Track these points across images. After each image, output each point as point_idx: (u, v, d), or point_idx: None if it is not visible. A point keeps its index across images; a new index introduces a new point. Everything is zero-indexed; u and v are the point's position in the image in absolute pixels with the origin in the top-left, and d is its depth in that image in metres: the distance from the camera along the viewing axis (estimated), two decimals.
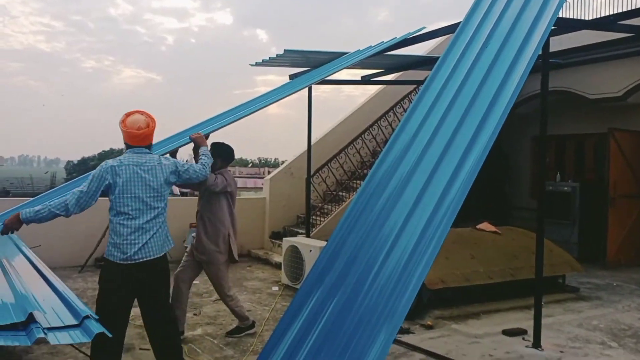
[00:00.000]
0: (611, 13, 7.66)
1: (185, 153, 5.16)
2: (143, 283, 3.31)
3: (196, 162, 4.08)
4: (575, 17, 8.44)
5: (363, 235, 3.59)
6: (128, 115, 3.48)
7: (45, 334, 2.38)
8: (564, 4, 4.71)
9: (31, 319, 2.48)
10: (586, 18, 8.31)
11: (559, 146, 10.39)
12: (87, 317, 2.61)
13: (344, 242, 3.66)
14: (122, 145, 3.62)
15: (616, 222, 8.40)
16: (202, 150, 4.07)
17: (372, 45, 6.85)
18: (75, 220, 3.94)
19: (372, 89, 11.06)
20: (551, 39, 6.46)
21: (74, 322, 2.56)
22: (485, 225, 6.98)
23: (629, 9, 7.67)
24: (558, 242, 7.21)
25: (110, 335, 2.68)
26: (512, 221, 9.11)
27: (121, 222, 3.28)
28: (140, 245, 3.27)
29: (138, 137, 3.42)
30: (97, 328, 2.51)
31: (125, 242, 3.25)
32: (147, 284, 3.34)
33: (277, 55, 6.80)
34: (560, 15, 8.21)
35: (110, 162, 3.39)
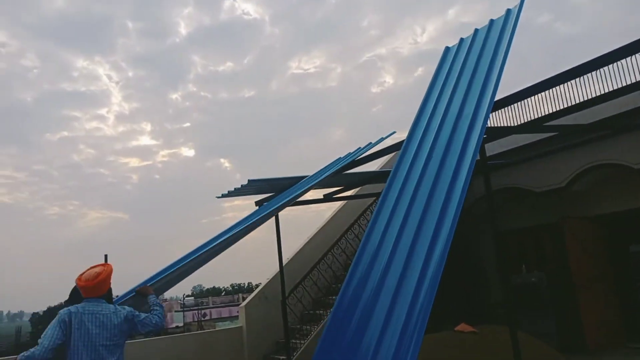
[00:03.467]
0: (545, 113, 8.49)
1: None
2: None
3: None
4: (508, 123, 9.29)
5: (346, 352, 3.66)
6: (86, 270, 3.71)
7: None
8: (490, 115, 5.31)
9: None
10: (520, 120, 9.19)
11: (519, 239, 10.80)
12: None
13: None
14: None
15: (588, 307, 8.57)
16: (151, 300, 4.07)
17: (328, 164, 7.35)
18: None
19: (336, 204, 11.51)
20: (492, 143, 7.16)
21: None
22: (462, 327, 7.03)
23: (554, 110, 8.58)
24: (536, 334, 7.27)
25: None
26: (490, 318, 9.17)
27: None
28: None
29: (86, 289, 3.59)
30: None
31: None
32: None
33: (241, 185, 7.17)
34: (494, 122, 9.08)
35: (68, 308, 3.47)
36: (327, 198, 9.07)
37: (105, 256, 8.61)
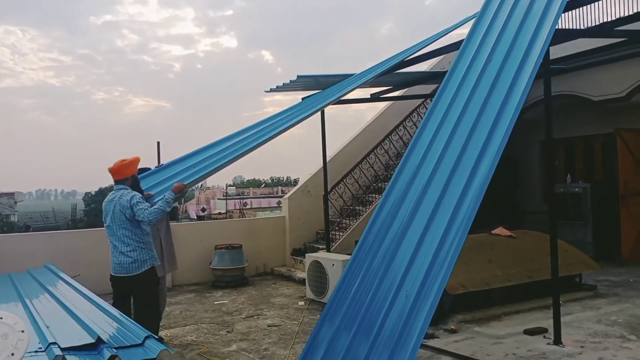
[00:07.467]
0: (611, 18, 7.89)
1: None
2: (123, 291, 4.49)
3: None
4: (573, 26, 8.68)
5: (387, 252, 3.81)
6: None
7: (116, 352, 2.63)
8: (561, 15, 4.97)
9: (99, 340, 2.73)
10: (587, 23, 8.57)
11: (567, 148, 10.58)
12: (148, 337, 2.85)
13: (370, 260, 3.89)
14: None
15: (628, 219, 8.55)
16: (166, 195, 4.49)
17: (379, 62, 7.16)
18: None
19: (380, 104, 11.37)
20: (554, 46, 6.76)
21: (137, 342, 2.80)
22: (500, 230, 7.19)
23: (625, 14, 7.93)
24: (573, 243, 7.39)
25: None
26: (526, 225, 9.29)
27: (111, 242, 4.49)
28: (116, 263, 4.43)
29: (112, 171, 4.47)
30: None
31: (112, 260, 4.48)
32: (126, 292, 4.50)
33: (290, 81, 7.14)
34: (560, 23, 8.52)
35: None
36: (374, 98, 8.96)
37: (158, 143, 8.98)
